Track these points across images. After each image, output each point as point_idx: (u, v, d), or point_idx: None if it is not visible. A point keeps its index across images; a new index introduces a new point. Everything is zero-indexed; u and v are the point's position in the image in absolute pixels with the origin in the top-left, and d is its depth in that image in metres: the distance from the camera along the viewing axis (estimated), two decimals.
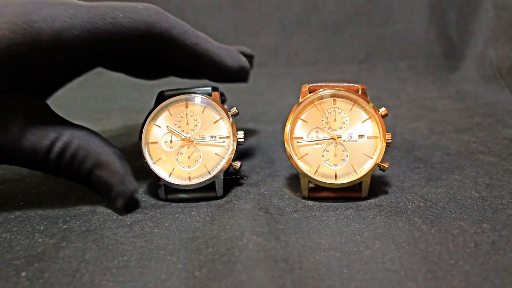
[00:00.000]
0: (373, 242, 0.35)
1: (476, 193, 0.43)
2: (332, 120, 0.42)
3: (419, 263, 0.32)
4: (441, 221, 0.38)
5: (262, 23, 0.98)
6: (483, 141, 0.57)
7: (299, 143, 0.43)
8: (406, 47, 0.96)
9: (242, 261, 0.32)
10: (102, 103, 0.82)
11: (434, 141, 0.58)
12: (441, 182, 0.46)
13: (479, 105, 0.74)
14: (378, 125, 0.42)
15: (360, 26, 0.97)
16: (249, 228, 0.36)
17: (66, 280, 0.31)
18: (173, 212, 0.41)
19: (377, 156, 0.42)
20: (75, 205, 0.42)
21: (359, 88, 0.43)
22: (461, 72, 0.89)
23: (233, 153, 0.43)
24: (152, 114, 0.43)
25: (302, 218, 0.39)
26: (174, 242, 0.36)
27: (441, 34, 0.95)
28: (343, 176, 0.42)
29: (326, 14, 0.98)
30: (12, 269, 0.32)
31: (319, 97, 0.42)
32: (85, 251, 0.35)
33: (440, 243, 0.35)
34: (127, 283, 0.31)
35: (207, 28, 0.97)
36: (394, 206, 0.41)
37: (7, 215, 0.40)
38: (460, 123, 0.66)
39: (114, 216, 0.40)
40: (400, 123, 0.66)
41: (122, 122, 0.71)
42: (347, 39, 0.97)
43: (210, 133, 0.43)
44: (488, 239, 0.35)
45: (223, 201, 0.43)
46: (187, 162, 0.43)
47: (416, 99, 0.79)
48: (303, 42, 0.97)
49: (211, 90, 0.44)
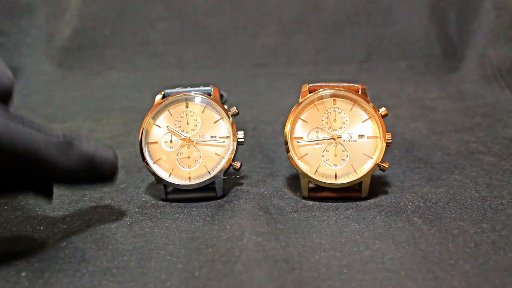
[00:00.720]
0: (373, 242, 0.35)
1: (476, 193, 0.43)
2: (332, 120, 0.42)
3: (419, 263, 0.32)
4: (441, 221, 0.38)
5: (262, 23, 0.98)
6: (483, 141, 0.57)
7: (299, 143, 0.43)
8: (406, 47, 0.95)
9: (242, 261, 0.32)
10: (102, 103, 0.82)
11: (434, 141, 0.58)
12: (441, 182, 0.46)
13: (479, 105, 0.74)
14: (378, 125, 0.42)
15: (360, 26, 0.97)
16: (249, 228, 0.36)
17: (66, 280, 0.31)
18: (173, 212, 0.41)
19: (377, 156, 0.42)
20: (75, 205, 0.42)
21: (359, 88, 0.43)
22: (461, 72, 0.89)
23: (233, 153, 0.43)
24: (152, 114, 0.43)
25: (302, 218, 0.39)
26: (174, 242, 0.36)
27: (441, 34, 0.95)
28: (343, 176, 0.42)
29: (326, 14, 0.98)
30: (12, 269, 0.32)
31: (319, 97, 0.42)
32: (85, 251, 0.35)
33: (440, 243, 0.35)
34: (127, 283, 0.31)
35: (207, 28, 0.97)
36: (394, 206, 0.41)
37: (7, 215, 0.40)
38: (460, 123, 0.65)
39: (114, 216, 0.40)
40: (400, 123, 0.66)
41: (122, 122, 0.71)
42: (347, 39, 0.97)
43: (210, 133, 0.43)
44: (488, 239, 0.35)
45: (223, 201, 0.43)
46: (187, 162, 0.43)
47: (416, 99, 0.79)
48: (303, 42, 0.97)
49: (212, 89, 0.44)
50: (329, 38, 0.97)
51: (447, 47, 0.95)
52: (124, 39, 0.98)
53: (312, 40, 0.97)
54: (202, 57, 0.96)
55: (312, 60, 0.96)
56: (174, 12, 0.98)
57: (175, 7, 0.98)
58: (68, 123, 0.71)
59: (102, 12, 0.98)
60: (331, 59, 0.96)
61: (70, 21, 0.98)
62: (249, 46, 0.97)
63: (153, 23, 0.98)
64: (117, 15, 0.98)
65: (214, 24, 0.98)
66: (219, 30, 0.98)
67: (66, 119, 0.73)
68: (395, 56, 0.95)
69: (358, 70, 0.94)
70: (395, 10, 0.97)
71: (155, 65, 0.96)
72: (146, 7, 0.98)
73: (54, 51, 0.97)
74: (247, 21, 0.98)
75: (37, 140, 0.31)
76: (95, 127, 0.69)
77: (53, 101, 0.83)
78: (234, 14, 0.98)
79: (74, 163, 0.33)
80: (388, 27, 0.97)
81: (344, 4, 0.98)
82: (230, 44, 0.97)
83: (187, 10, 0.98)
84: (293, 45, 0.97)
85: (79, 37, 0.98)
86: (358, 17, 0.97)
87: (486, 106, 0.73)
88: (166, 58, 0.97)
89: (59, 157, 0.32)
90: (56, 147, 0.32)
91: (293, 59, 0.96)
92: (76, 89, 0.90)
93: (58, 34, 0.98)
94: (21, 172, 0.32)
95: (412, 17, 0.97)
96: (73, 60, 0.97)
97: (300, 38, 0.97)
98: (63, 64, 0.96)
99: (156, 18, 0.98)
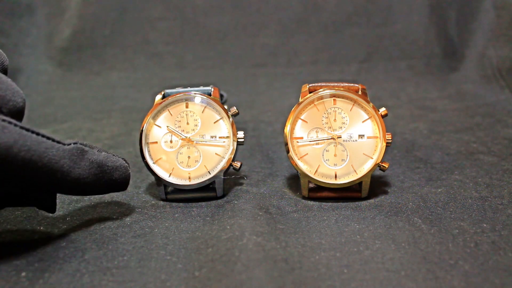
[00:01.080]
0: (373, 242, 0.35)
1: (476, 193, 0.43)
2: (332, 120, 0.42)
3: (419, 263, 0.32)
4: (441, 221, 0.38)
5: (262, 23, 0.98)
6: (483, 141, 0.57)
7: (299, 143, 0.43)
8: (406, 47, 0.95)
9: (242, 261, 0.32)
10: (102, 103, 0.82)
11: (434, 141, 0.58)
12: (441, 182, 0.46)
13: (479, 105, 0.74)
14: (378, 125, 0.42)
15: (360, 26, 0.97)
16: (249, 228, 0.36)
17: (66, 280, 0.31)
18: (173, 212, 0.41)
19: (377, 156, 0.42)
20: (75, 205, 0.42)
21: (359, 88, 0.43)
22: (461, 72, 0.89)
23: (233, 153, 0.43)
24: (152, 114, 0.43)
25: (302, 218, 0.39)
26: (174, 242, 0.36)
27: (441, 34, 0.95)
28: (343, 176, 0.42)
29: (326, 14, 0.98)
30: (12, 269, 0.32)
31: (319, 97, 0.42)
32: (85, 251, 0.35)
33: (440, 243, 0.35)
34: (127, 283, 0.31)
35: (207, 28, 0.97)
36: (394, 206, 0.41)
37: (8, 215, 0.40)
38: (460, 123, 0.65)
39: (114, 216, 0.40)
40: (400, 123, 0.66)
41: (122, 122, 0.71)
42: (347, 39, 0.97)
43: (210, 133, 0.43)
44: (488, 239, 0.35)
45: (223, 201, 0.43)
46: (187, 162, 0.43)
47: (416, 99, 0.79)
48: (303, 42, 0.97)
49: (212, 89, 0.44)
50: (329, 38, 0.97)
51: (447, 47, 0.95)
52: (124, 39, 0.98)
53: (312, 40, 0.97)
54: (202, 57, 0.96)
55: (312, 60, 0.96)
56: (174, 12, 0.98)
57: (175, 7, 0.98)
58: (68, 123, 0.71)
59: (102, 12, 0.98)
60: (331, 59, 0.96)
61: (70, 21, 0.98)
62: (249, 46, 0.97)
63: (153, 23, 0.98)
64: (117, 15, 0.98)
65: (214, 24, 0.98)
66: (219, 30, 0.98)
67: (66, 119, 0.73)
68: (395, 56, 0.95)
69: (358, 70, 0.94)
70: (395, 10, 0.97)
71: (155, 65, 0.96)
72: (146, 7, 0.98)
73: (54, 51, 0.97)
74: (247, 21, 0.98)
75: (51, 149, 0.32)
76: (95, 127, 0.69)
77: (53, 101, 0.83)
78: (234, 14, 0.98)
79: (87, 171, 0.34)
80: (388, 27, 0.97)
81: (344, 4, 0.98)
82: (230, 44, 0.97)
83: (187, 10, 0.98)
84: (293, 45, 0.97)
85: (79, 37, 0.98)
86: (358, 17, 0.97)
87: (486, 106, 0.73)
88: (166, 58, 0.97)
89: (72, 165, 0.33)
90: (69, 156, 0.33)
91: (293, 59, 0.96)
92: (76, 89, 0.90)
93: (58, 34, 0.98)
94: (33, 182, 0.32)
95: (412, 17, 0.97)
96: (73, 60, 0.97)
97: (300, 38, 0.97)
98: (63, 64, 0.96)
99: (156, 18, 0.98)
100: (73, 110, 0.78)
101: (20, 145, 0.30)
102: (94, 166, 0.35)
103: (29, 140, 0.31)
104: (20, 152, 0.30)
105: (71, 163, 0.33)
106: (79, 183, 0.34)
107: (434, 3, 0.97)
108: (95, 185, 0.35)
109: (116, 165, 0.37)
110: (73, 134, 0.66)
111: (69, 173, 0.33)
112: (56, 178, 0.33)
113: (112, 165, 0.36)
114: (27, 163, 0.31)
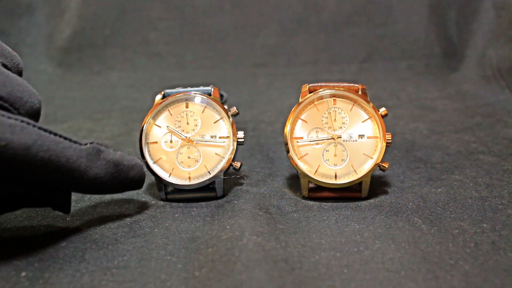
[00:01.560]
0: (373, 242, 0.35)
1: (476, 193, 0.43)
2: (332, 120, 0.42)
3: (419, 263, 0.32)
4: (441, 221, 0.38)
5: (262, 23, 0.98)
6: (483, 141, 0.57)
7: (299, 143, 0.43)
8: (406, 47, 0.95)
9: (242, 261, 0.32)
10: (102, 103, 0.82)
11: (434, 141, 0.58)
12: (441, 182, 0.46)
13: (479, 105, 0.74)
14: (378, 125, 0.42)
15: (360, 26, 0.97)
16: (249, 228, 0.36)
17: (66, 280, 0.31)
18: (173, 212, 0.41)
19: (377, 156, 0.42)
20: (75, 205, 0.42)
21: (359, 88, 0.43)
22: (461, 72, 0.89)
23: (233, 153, 0.43)
24: (152, 114, 0.43)
25: (302, 218, 0.39)
26: (174, 242, 0.36)
27: (441, 34, 0.95)
28: (343, 176, 0.42)
29: (326, 14, 0.98)
30: (12, 269, 0.32)
31: (319, 97, 0.42)
32: (85, 251, 0.35)
33: (440, 243, 0.35)
34: (127, 283, 0.31)
35: (207, 28, 0.97)
36: (394, 206, 0.41)
37: (7, 215, 0.40)
38: (460, 123, 0.65)
39: (114, 216, 0.40)
40: (400, 123, 0.66)
41: (122, 122, 0.71)
42: (347, 39, 0.97)
43: (210, 133, 0.43)
44: (488, 239, 0.35)
45: (223, 201, 0.43)
46: (187, 162, 0.43)
47: (416, 99, 0.79)
48: (303, 42, 0.97)
49: (212, 89, 0.44)
50: (329, 38, 0.97)
51: (447, 47, 0.95)
52: (124, 39, 0.98)
53: (312, 40, 0.97)
54: (202, 57, 0.96)
55: (312, 60, 0.96)
56: (174, 12, 0.98)
57: (175, 7, 0.98)
58: (68, 123, 0.71)
59: (102, 12, 0.98)
60: (331, 59, 0.96)
61: (70, 21, 0.98)
62: (249, 46, 0.97)
63: (153, 23, 0.98)
64: (117, 15, 0.98)
65: (214, 24, 0.98)
66: (219, 30, 0.98)
67: (66, 119, 0.73)
68: (395, 56, 0.95)
69: (358, 70, 0.94)
70: (395, 10, 0.97)
71: (155, 65, 0.96)
72: (146, 7, 0.98)
73: (54, 51, 0.97)
74: (247, 21, 0.98)
75: (68, 149, 0.33)
76: (95, 127, 0.69)
77: (53, 101, 0.83)
78: (234, 14, 0.98)
79: (103, 170, 0.35)
80: (388, 27, 0.97)
81: (344, 4, 0.98)
82: (230, 44, 0.97)
83: (187, 10, 0.97)
84: (293, 45, 0.97)
85: (79, 37, 0.98)
86: (358, 17, 0.97)
87: (486, 106, 0.73)
88: (166, 58, 0.97)
89: (89, 165, 0.34)
90: (86, 156, 0.34)
91: (293, 59, 0.96)
92: (76, 89, 0.90)
93: (58, 34, 0.98)
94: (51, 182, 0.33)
95: (412, 17, 0.97)
96: (73, 60, 0.97)
97: (300, 38, 0.97)
98: (63, 64, 0.96)
99: (156, 18, 0.98)
100: (73, 110, 0.78)
101: (39, 145, 0.31)
102: (110, 165, 0.36)
103: (47, 140, 0.32)
104: (39, 152, 0.31)
105: (88, 162, 0.34)
106: (96, 182, 0.35)
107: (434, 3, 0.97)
108: (111, 184, 0.36)
109: (131, 164, 0.37)
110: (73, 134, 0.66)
111: (86, 173, 0.34)
112: (73, 177, 0.33)
113: (128, 164, 0.37)
114: (45, 163, 0.31)
